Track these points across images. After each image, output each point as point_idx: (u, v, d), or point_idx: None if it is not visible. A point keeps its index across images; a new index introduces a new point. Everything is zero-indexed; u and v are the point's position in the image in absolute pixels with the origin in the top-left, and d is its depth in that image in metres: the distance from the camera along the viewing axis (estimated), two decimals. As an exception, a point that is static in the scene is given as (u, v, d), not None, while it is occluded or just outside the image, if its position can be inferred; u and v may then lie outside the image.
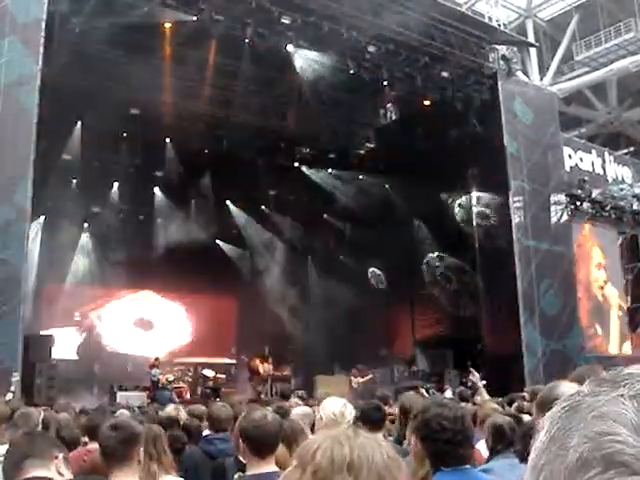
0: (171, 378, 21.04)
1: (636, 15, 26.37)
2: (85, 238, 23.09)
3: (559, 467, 0.58)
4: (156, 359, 20.55)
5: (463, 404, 7.33)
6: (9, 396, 10.42)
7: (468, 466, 2.86)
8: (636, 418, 0.57)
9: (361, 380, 19.97)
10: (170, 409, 7.24)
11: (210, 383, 21.18)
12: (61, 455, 2.75)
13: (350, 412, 4.13)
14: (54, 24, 14.82)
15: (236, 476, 3.56)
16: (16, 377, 11.69)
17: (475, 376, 9.53)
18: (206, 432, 5.87)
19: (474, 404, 8.20)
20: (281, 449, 3.46)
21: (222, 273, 23.25)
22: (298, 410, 5.51)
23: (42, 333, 17.63)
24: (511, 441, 4.22)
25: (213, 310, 24.42)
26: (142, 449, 3.18)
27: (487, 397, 8.43)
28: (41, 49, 13.22)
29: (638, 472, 0.54)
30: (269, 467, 3.26)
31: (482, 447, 4.89)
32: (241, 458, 3.40)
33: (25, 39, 13.11)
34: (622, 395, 0.59)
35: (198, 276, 21.44)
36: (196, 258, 21.76)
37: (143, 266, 22.36)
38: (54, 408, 8.54)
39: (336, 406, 4.12)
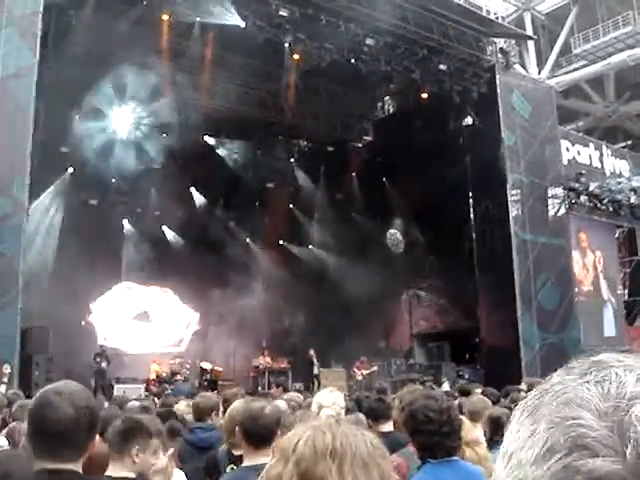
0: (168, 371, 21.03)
1: (634, 8, 26.28)
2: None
3: (526, 453, 0.60)
4: (101, 346, 20.18)
5: (464, 399, 7.28)
6: (2, 388, 10.42)
7: (456, 457, 2.86)
8: (600, 403, 0.59)
9: (366, 372, 20.00)
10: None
11: (208, 376, 21.18)
12: None
13: (338, 397, 4.14)
14: (51, 16, 14.77)
15: (228, 468, 3.57)
16: (7, 369, 11.69)
17: None
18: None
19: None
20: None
21: (219, 265, 23.18)
22: (278, 402, 5.54)
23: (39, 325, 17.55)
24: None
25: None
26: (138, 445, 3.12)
27: None
28: (38, 42, 13.19)
29: (600, 454, 0.56)
30: (265, 458, 3.27)
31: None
32: (234, 451, 3.40)
33: (22, 32, 13.06)
34: (588, 382, 0.62)
35: (195, 268, 21.41)
36: (193, 250, 21.74)
37: (140, 258, 22.33)
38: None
39: (322, 395, 4.15)
